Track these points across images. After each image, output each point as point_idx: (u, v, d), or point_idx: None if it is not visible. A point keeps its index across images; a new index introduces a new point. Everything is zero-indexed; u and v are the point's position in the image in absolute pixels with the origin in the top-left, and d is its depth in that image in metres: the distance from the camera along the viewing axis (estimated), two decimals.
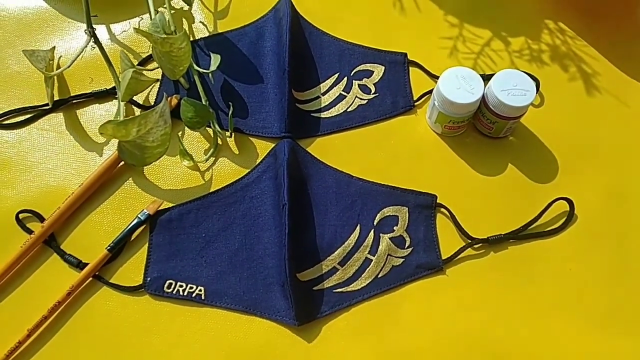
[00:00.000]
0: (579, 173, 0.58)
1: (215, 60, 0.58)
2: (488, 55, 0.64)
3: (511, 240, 0.55)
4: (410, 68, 0.64)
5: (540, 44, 0.65)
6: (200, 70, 0.58)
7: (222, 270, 0.52)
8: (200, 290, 0.51)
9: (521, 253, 0.54)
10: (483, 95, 0.55)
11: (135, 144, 0.53)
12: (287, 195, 0.52)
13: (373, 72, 0.63)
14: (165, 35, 0.53)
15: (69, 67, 0.57)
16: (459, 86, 0.55)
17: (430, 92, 0.62)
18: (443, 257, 0.53)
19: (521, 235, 0.55)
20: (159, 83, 0.61)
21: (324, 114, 0.60)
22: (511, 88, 0.54)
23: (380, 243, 0.53)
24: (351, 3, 0.68)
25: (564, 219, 0.56)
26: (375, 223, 0.54)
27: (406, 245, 0.54)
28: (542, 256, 0.54)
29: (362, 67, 0.63)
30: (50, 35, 0.64)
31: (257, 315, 0.51)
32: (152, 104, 0.60)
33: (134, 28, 0.54)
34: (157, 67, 0.59)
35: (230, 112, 0.57)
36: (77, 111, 0.60)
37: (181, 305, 0.51)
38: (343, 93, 0.61)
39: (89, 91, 0.60)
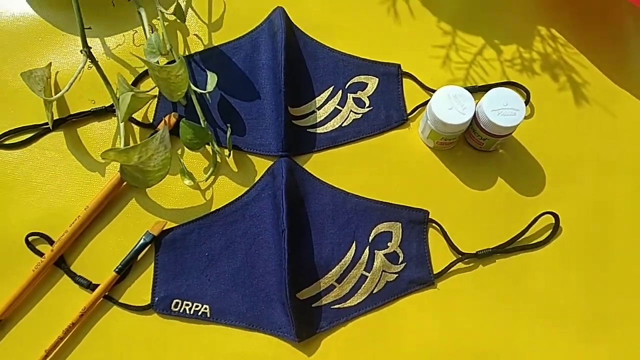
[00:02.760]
0: (566, 186, 0.60)
1: (212, 79, 0.58)
2: (480, 65, 0.65)
3: (499, 254, 0.58)
4: (404, 79, 0.65)
5: (531, 52, 0.66)
6: (198, 90, 0.58)
7: (225, 289, 0.55)
8: (205, 309, 0.54)
9: (508, 266, 0.57)
10: (474, 114, 0.57)
11: (137, 168, 0.55)
12: (286, 222, 0.54)
13: (367, 84, 0.64)
14: (162, 65, 0.53)
15: (67, 90, 0.58)
16: (450, 106, 0.56)
17: (423, 104, 0.63)
18: (434, 272, 0.56)
19: (508, 249, 0.58)
20: (156, 99, 0.62)
21: (319, 129, 0.62)
22: (501, 108, 0.56)
23: (375, 260, 0.56)
24: (345, 9, 0.68)
25: (549, 232, 0.58)
26: (370, 240, 0.57)
27: (399, 261, 0.57)
28: (529, 269, 0.57)
29: (356, 79, 0.64)
30: (44, 49, 0.64)
31: (260, 331, 0.54)
32: (151, 120, 0.61)
33: (132, 53, 0.55)
34: (155, 87, 0.59)
35: (228, 134, 0.59)
36: (77, 129, 0.61)
37: (188, 323, 0.54)
38: (338, 107, 0.63)
39: (88, 109, 0.61)
